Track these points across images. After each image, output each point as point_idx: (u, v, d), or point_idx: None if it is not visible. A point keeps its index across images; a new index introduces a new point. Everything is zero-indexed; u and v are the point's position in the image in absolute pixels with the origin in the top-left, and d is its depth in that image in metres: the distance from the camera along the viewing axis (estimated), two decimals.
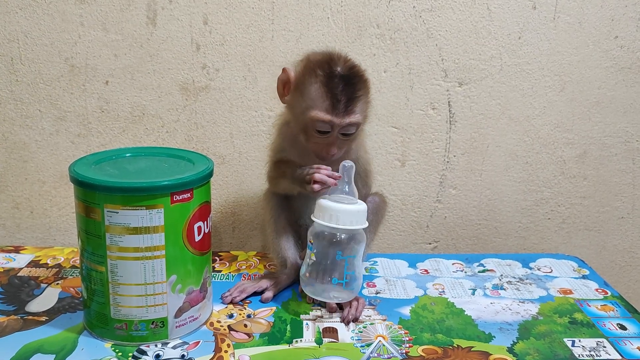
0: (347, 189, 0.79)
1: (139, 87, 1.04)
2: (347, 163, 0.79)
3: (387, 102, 1.06)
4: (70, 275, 0.93)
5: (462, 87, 1.07)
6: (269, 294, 0.86)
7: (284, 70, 0.82)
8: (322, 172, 0.79)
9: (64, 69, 1.03)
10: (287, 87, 0.82)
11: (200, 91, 1.05)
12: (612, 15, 1.05)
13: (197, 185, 0.74)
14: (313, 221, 0.80)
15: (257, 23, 1.02)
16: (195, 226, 0.75)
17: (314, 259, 0.80)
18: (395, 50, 1.04)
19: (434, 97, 1.07)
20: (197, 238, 0.76)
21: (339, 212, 0.77)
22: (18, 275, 0.92)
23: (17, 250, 1.02)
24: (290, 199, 0.92)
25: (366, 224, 0.80)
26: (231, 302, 0.85)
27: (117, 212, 0.70)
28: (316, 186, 0.78)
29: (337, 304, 0.84)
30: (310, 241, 0.80)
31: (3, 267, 0.95)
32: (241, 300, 0.86)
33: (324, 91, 0.77)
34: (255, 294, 0.88)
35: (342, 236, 0.79)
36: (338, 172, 0.79)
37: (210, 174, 0.77)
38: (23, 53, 1.02)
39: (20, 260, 0.98)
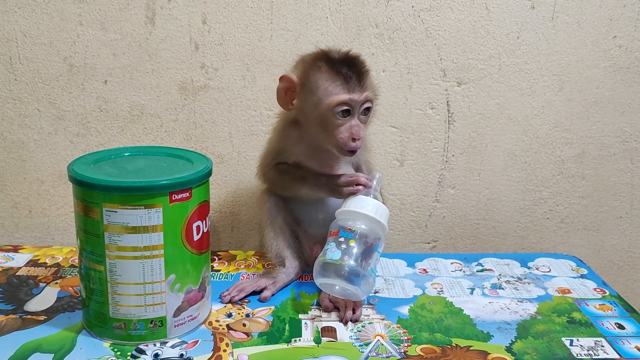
0: (376, 196, 0.83)
1: (138, 87, 1.04)
2: (377, 174, 0.84)
3: (385, 101, 1.06)
4: (69, 275, 0.93)
5: (460, 87, 1.07)
6: (267, 293, 0.86)
7: (283, 77, 0.81)
8: (362, 177, 0.82)
9: (63, 68, 1.03)
10: (290, 93, 0.82)
11: (199, 91, 1.05)
12: (610, 15, 1.05)
13: (195, 185, 0.74)
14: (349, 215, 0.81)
15: (255, 23, 1.02)
16: (194, 225, 0.75)
17: (354, 245, 0.78)
18: (394, 50, 1.04)
19: (433, 96, 1.07)
20: (196, 237, 0.76)
21: (383, 209, 0.81)
22: (17, 274, 0.92)
23: (15, 249, 1.02)
24: (287, 198, 0.92)
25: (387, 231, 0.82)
26: (230, 302, 0.86)
27: (116, 212, 0.70)
28: (360, 187, 0.81)
29: (333, 304, 0.84)
30: (349, 229, 0.79)
31: (2, 267, 0.95)
32: (240, 300, 0.86)
33: (334, 75, 0.78)
34: (254, 293, 0.88)
35: (382, 233, 0.81)
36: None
37: (209, 174, 0.77)
38: (22, 52, 1.02)
39: (18, 260, 0.98)
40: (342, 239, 0.79)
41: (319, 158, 0.86)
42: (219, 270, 0.96)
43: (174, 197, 0.72)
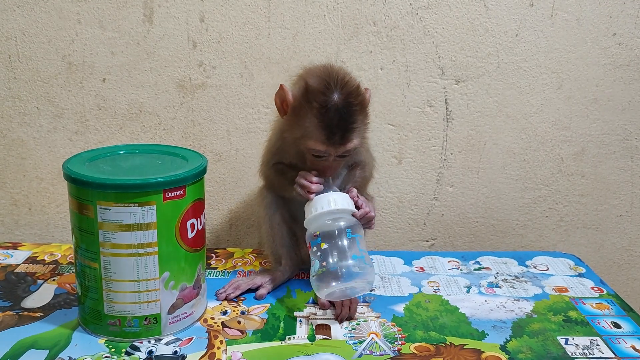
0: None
1: (136, 85, 1.04)
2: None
3: (383, 99, 1.06)
4: (67, 272, 0.93)
5: (459, 85, 1.06)
6: (263, 291, 0.87)
7: (281, 87, 0.81)
8: (309, 180, 0.82)
9: (62, 67, 1.03)
10: (285, 104, 0.82)
11: (197, 88, 1.05)
12: (610, 13, 1.04)
13: (190, 182, 0.74)
14: (311, 222, 0.81)
15: (253, 20, 1.02)
16: (189, 223, 0.75)
17: (325, 247, 0.78)
18: (392, 48, 1.04)
19: (431, 94, 1.07)
20: (190, 235, 0.76)
21: (334, 197, 0.80)
22: (15, 271, 0.93)
23: (15, 246, 1.02)
24: (284, 196, 0.92)
25: (353, 207, 0.81)
26: (225, 299, 0.86)
27: (110, 209, 0.71)
28: (312, 195, 0.81)
29: (329, 302, 0.84)
30: (314, 235, 0.80)
31: (0, 264, 0.95)
32: (235, 297, 0.86)
33: (320, 125, 0.77)
34: (249, 290, 0.88)
35: (346, 217, 0.80)
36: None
37: (204, 171, 0.77)
38: (21, 51, 1.02)
39: (17, 257, 0.98)
40: (314, 249, 0.80)
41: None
42: (216, 268, 0.97)
43: (168, 194, 0.72)
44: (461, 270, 0.98)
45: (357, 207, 0.81)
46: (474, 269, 0.98)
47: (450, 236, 1.15)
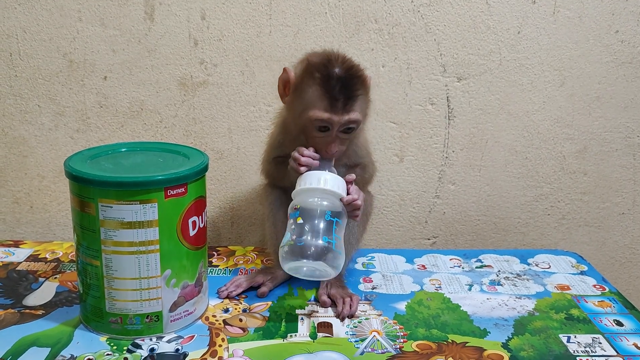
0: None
1: (137, 83, 1.04)
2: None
3: (385, 97, 1.06)
4: (69, 270, 0.93)
5: (460, 82, 1.06)
6: (264, 289, 0.87)
7: (284, 70, 0.82)
8: (301, 153, 0.80)
9: (63, 65, 1.03)
10: (288, 87, 0.82)
11: (198, 86, 1.05)
12: (612, 10, 1.04)
13: (191, 180, 0.74)
14: (297, 195, 0.79)
15: (254, 18, 1.02)
16: (190, 221, 0.75)
17: (301, 222, 0.75)
18: (394, 45, 1.04)
19: (433, 92, 1.06)
20: (192, 233, 0.76)
21: (326, 177, 0.78)
22: (16, 269, 0.93)
23: (16, 244, 1.02)
24: (288, 194, 0.91)
25: (344, 192, 0.79)
26: (227, 297, 0.86)
27: (112, 207, 0.70)
28: (302, 168, 0.79)
29: (330, 300, 0.84)
30: (294, 208, 0.77)
31: (2, 262, 0.96)
32: (237, 295, 0.86)
33: (322, 92, 0.77)
34: (251, 288, 0.88)
35: (332, 200, 0.78)
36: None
37: (205, 169, 0.77)
38: (22, 48, 1.02)
39: (19, 255, 0.98)
40: (291, 221, 0.77)
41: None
42: (217, 266, 0.96)
43: (169, 192, 0.72)
44: (463, 268, 0.98)
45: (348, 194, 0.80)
46: (476, 267, 0.98)
47: (452, 234, 1.14)
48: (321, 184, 0.77)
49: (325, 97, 0.77)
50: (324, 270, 0.76)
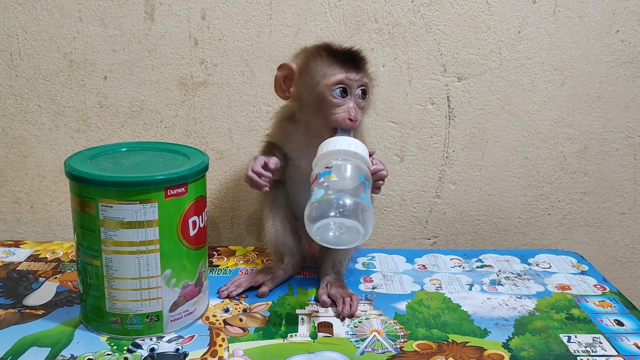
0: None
1: (138, 83, 1.04)
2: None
3: (385, 96, 1.06)
4: (69, 269, 0.93)
5: (461, 82, 1.06)
6: (265, 289, 0.86)
7: (283, 65, 0.82)
8: (256, 165, 0.82)
9: (63, 64, 1.03)
10: (288, 82, 0.82)
11: (198, 86, 1.05)
12: (613, 9, 1.04)
13: (191, 180, 0.74)
14: (323, 158, 0.76)
15: (255, 18, 1.02)
16: (190, 221, 0.75)
17: (335, 179, 0.71)
18: (394, 45, 1.04)
19: (433, 92, 1.06)
20: (192, 232, 0.76)
21: (354, 142, 0.76)
22: (17, 269, 0.93)
23: (17, 244, 1.02)
24: (287, 194, 0.92)
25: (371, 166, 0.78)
26: (227, 297, 0.86)
27: (112, 207, 0.70)
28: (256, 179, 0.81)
29: (331, 299, 0.84)
30: (326, 167, 0.73)
31: (2, 261, 0.96)
32: (237, 295, 0.86)
33: (332, 59, 0.80)
34: (251, 288, 0.88)
35: (358, 164, 0.75)
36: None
37: (205, 169, 0.77)
38: (22, 48, 1.02)
39: (19, 255, 0.98)
40: (322, 179, 0.72)
41: (312, 152, 0.86)
42: (217, 266, 0.96)
43: (170, 192, 0.72)
44: (463, 268, 0.98)
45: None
46: (476, 267, 0.98)
47: (452, 234, 1.14)
48: (352, 148, 0.75)
49: (337, 62, 0.80)
50: (355, 232, 0.71)
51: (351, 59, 0.80)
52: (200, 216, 0.77)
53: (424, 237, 1.14)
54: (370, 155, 0.79)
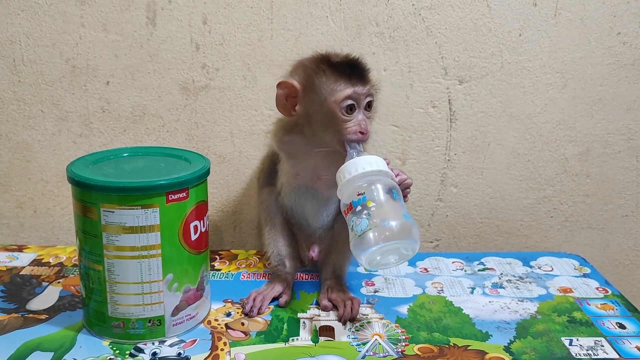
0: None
1: (140, 87, 1.05)
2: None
3: (387, 100, 1.06)
4: (72, 274, 0.94)
5: (462, 85, 1.06)
6: (285, 298, 0.85)
7: (283, 83, 0.81)
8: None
9: (66, 70, 1.04)
10: (291, 100, 0.82)
11: (200, 91, 1.05)
12: (614, 12, 1.04)
13: (192, 185, 0.74)
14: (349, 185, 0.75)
15: (256, 22, 1.02)
16: (192, 225, 0.75)
17: (373, 205, 0.71)
18: (395, 49, 1.04)
19: (434, 95, 1.07)
20: (194, 237, 0.76)
21: (370, 160, 0.75)
22: (20, 273, 0.94)
23: (20, 249, 1.03)
24: (282, 198, 0.91)
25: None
26: (258, 313, 0.82)
27: (113, 212, 0.71)
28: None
29: (332, 304, 0.84)
30: (358, 194, 0.72)
31: (6, 266, 0.96)
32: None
33: (337, 74, 0.79)
34: (273, 299, 0.86)
35: (384, 180, 0.75)
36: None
37: (206, 174, 0.78)
38: (25, 54, 1.03)
39: (23, 259, 0.99)
40: (359, 208, 0.72)
41: (312, 166, 0.86)
42: (219, 270, 0.97)
43: (171, 197, 0.72)
44: (465, 271, 0.98)
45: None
46: (478, 270, 0.98)
47: (454, 237, 1.14)
48: (375, 167, 0.74)
49: (342, 77, 0.79)
50: (410, 249, 0.73)
51: (355, 71, 0.79)
52: (202, 221, 0.77)
53: (426, 240, 1.14)
54: (387, 165, 0.78)
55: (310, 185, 0.87)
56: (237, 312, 0.83)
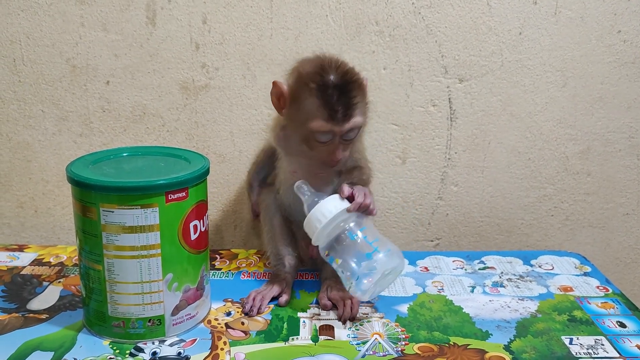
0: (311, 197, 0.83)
1: (140, 87, 1.05)
2: (298, 183, 0.83)
3: (387, 99, 1.06)
4: (72, 274, 0.94)
5: (462, 84, 1.06)
6: (286, 297, 0.86)
7: (274, 84, 0.81)
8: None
9: (66, 70, 1.04)
10: (282, 100, 0.81)
11: (200, 90, 1.05)
12: (614, 10, 1.03)
13: (192, 184, 0.74)
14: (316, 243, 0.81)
15: (255, 22, 1.02)
16: (191, 225, 0.75)
17: (341, 261, 0.79)
18: (395, 47, 1.04)
19: (434, 93, 1.06)
20: (193, 237, 0.76)
21: (321, 209, 0.79)
22: (21, 273, 0.94)
23: (21, 248, 1.03)
24: (280, 196, 0.91)
25: (347, 203, 0.79)
26: (258, 313, 0.83)
27: (113, 212, 0.71)
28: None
29: (332, 302, 0.84)
30: (326, 255, 0.81)
31: (7, 266, 0.96)
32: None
33: (320, 103, 0.77)
34: (272, 298, 0.86)
35: (344, 218, 0.79)
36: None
37: (206, 173, 0.78)
38: (25, 54, 1.03)
39: (23, 259, 0.99)
40: (334, 265, 0.80)
41: (308, 163, 0.86)
42: (220, 269, 0.97)
43: (170, 196, 0.72)
44: (465, 270, 0.98)
45: (353, 199, 0.80)
46: (479, 269, 0.98)
47: (455, 236, 1.14)
48: (327, 217, 0.78)
49: (324, 108, 0.76)
50: (396, 269, 0.80)
51: (340, 104, 0.76)
52: (202, 220, 0.77)
53: (426, 239, 1.14)
54: (345, 193, 0.79)
55: (307, 183, 0.87)
56: (237, 312, 0.83)
